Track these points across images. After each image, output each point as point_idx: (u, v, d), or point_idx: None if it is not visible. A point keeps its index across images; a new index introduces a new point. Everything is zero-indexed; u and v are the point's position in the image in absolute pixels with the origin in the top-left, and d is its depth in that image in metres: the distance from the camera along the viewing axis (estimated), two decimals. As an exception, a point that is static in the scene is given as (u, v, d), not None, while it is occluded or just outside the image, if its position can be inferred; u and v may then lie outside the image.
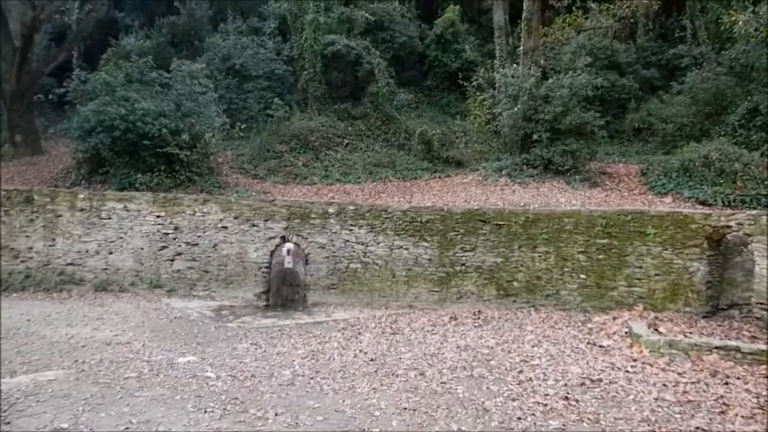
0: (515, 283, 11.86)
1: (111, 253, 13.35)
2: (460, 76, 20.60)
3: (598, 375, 7.71)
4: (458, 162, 18.17)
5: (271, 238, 12.79)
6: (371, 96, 20.21)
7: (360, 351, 8.91)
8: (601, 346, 9.11)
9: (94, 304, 12.13)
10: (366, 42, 20.69)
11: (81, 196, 13.63)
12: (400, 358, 8.51)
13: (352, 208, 12.56)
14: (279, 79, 20.93)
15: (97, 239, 13.39)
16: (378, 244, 12.35)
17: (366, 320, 11.06)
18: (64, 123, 16.48)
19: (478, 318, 11.08)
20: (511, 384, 7.37)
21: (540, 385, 7.31)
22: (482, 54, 22.54)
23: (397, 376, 7.67)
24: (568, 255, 11.66)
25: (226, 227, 12.96)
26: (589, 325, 10.40)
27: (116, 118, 14.19)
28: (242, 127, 17.08)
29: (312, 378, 7.56)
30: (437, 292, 12.10)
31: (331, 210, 12.59)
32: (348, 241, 12.47)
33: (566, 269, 11.67)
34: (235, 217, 12.92)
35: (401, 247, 12.27)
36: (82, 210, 13.49)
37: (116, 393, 6.74)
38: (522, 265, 11.85)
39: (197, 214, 13.07)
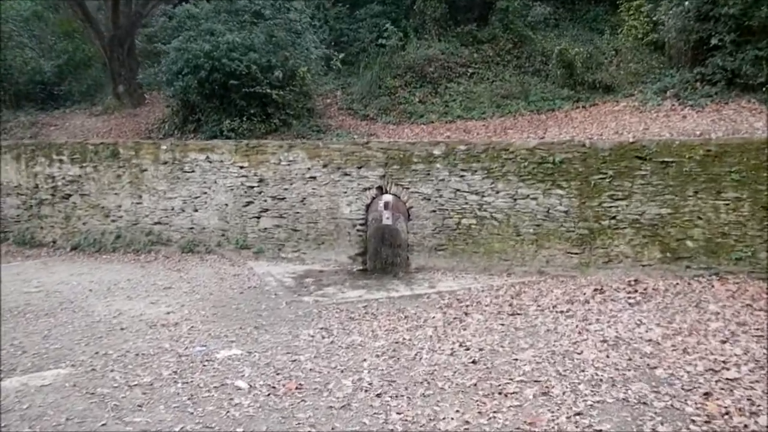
0: (689, 242, 8.63)
1: (196, 210, 11.88)
2: (609, -21, 16.59)
3: None
4: (607, 87, 14.54)
5: (366, 189, 10.52)
6: (500, 13, 16.91)
7: (460, 344, 6.42)
8: (838, 345, 5.86)
9: (173, 269, 10.76)
10: (495, -55, 17.26)
11: (164, 147, 12.21)
12: (515, 359, 5.92)
13: (462, 147, 9.85)
14: (394, 2, 18.23)
15: (182, 195, 11.97)
16: (497, 193, 9.60)
17: (479, 293, 8.51)
18: (154, 67, 15.11)
19: (635, 291, 8.11)
20: (693, 420, 4.50)
21: (746, 427, 4.38)
22: (640, -51, 18.12)
23: (506, 396, 5.10)
24: (771, 202, 8.21)
25: (314, 177, 10.87)
26: (810, 306, 7.08)
27: (200, 55, 12.50)
28: (340, 57, 14.69)
29: (380, 394, 5.23)
30: (576, 254, 9.20)
31: (436, 152, 9.98)
32: (459, 190, 9.84)
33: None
34: (324, 165, 10.77)
35: (527, 196, 9.43)
36: (165, 163, 12.09)
37: (104, 414, 4.90)
38: (700, 218, 8.57)
39: (282, 162, 11.10)
